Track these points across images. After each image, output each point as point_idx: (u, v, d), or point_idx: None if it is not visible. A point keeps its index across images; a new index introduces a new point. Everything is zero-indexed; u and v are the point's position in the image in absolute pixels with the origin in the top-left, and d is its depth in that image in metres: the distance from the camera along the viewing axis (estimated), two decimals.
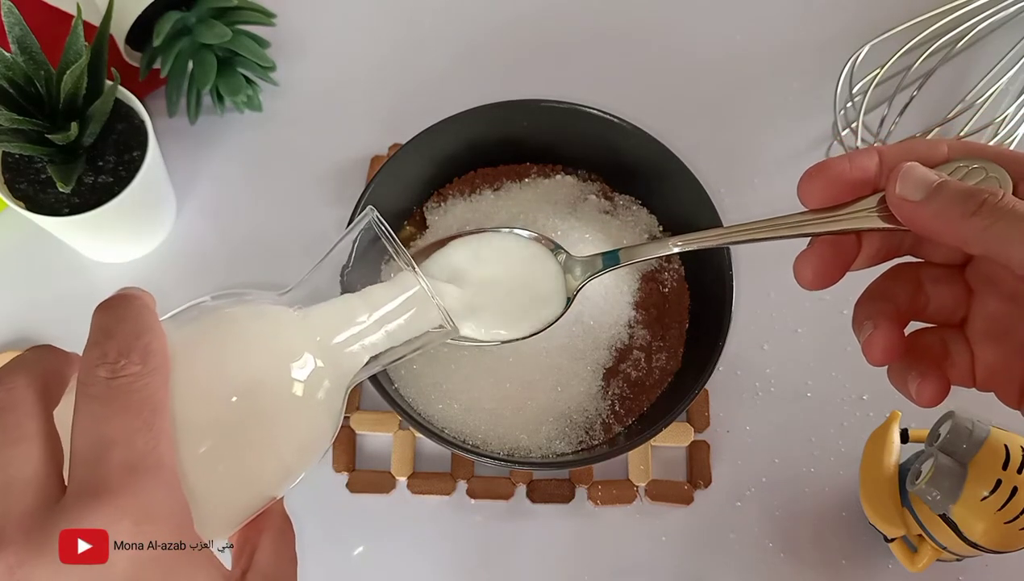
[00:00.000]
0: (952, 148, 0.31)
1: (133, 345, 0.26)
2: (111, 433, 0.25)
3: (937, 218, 0.29)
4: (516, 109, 0.55)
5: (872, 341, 0.33)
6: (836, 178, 0.32)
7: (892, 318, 0.33)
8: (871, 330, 0.33)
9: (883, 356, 0.33)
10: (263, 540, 0.30)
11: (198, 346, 0.29)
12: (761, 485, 0.54)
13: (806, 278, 0.34)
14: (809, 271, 0.34)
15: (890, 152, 0.32)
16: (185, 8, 0.57)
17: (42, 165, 0.53)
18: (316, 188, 0.62)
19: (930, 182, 0.30)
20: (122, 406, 0.25)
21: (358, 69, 0.66)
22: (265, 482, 0.29)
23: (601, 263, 0.42)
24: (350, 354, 0.31)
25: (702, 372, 0.49)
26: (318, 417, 0.30)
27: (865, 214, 0.32)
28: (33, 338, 0.57)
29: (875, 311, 0.34)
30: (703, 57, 0.67)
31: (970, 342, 0.33)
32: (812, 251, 0.34)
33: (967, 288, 0.34)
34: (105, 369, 0.25)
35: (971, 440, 0.43)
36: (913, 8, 0.61)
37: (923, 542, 0.48)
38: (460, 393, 0.52)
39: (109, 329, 0.27)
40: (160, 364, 0.26)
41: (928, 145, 0.32)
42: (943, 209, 0.29)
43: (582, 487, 0.54)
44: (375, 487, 0.54)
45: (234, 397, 0.28)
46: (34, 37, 0.49)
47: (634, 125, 0.54)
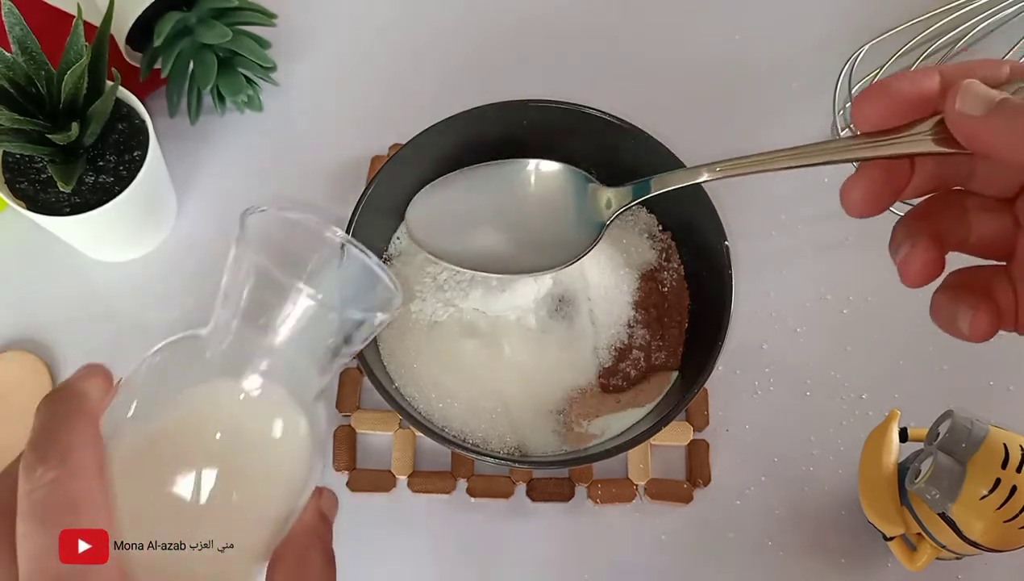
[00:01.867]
0: (1014, 69, 0.30)
1: (50, 451, 0.25)
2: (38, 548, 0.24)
3: (1000, 134, 0.28)
4: (516, 109, 0.55)
5: (909, 259, 0.31)
6: (894, 98, 0.30)
7: (932, 238, 0.31)
8: (909, 249, 0.31)
9: (921, 275, 0.31)
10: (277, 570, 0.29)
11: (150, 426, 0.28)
12: (760, 484, 0.55)
13: (854, 203, 0.31)
14: (858, 195, 0.31)
15: (951, 70, 0.30)
16: (186, 8, 0.58)
17: (43, 165, 0.53)
18: (316, 188, 0.62)
19: (992, 98, 0.28)
20: (40, 519, 0.25)
21: (358, 69, 0.66)
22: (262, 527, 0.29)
23: (632, 193, 0.40)
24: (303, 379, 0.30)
25: (701, 371, 0.49)
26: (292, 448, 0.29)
27: (921, 137, 0.30)
28: (33, 338, 0.57)
29: (914, 230, 0.32)
30: (703, 57, 0.67)
31: (1014, 280, 0.31)
32: (861, 174, 0.32)
33: (1015, 222, 0.32)
34: (27, 482, 0.25)
35: (970, 439, 0.43)
36: (913, 8, 0.61)
37: (922, 541, 0.48)
38: (460, 392, 0.52)
39: (32, 438, 0.26)
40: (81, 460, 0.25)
41: (989, 65, 0.30)
42: (1007, 125, 0.28)
43: (582, 486, 0.54)
44: (375, 486, 0.54)
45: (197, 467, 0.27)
46: (34, 37, 0.49)
47: (634, 125, 0.54)
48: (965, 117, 0.29)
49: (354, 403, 0.56)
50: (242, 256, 0.30)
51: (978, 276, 0.32)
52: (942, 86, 0.30)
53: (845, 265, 0.59)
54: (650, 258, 0.56)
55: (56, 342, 0.57)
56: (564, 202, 0.40)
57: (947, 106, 0.29)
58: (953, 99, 0.29)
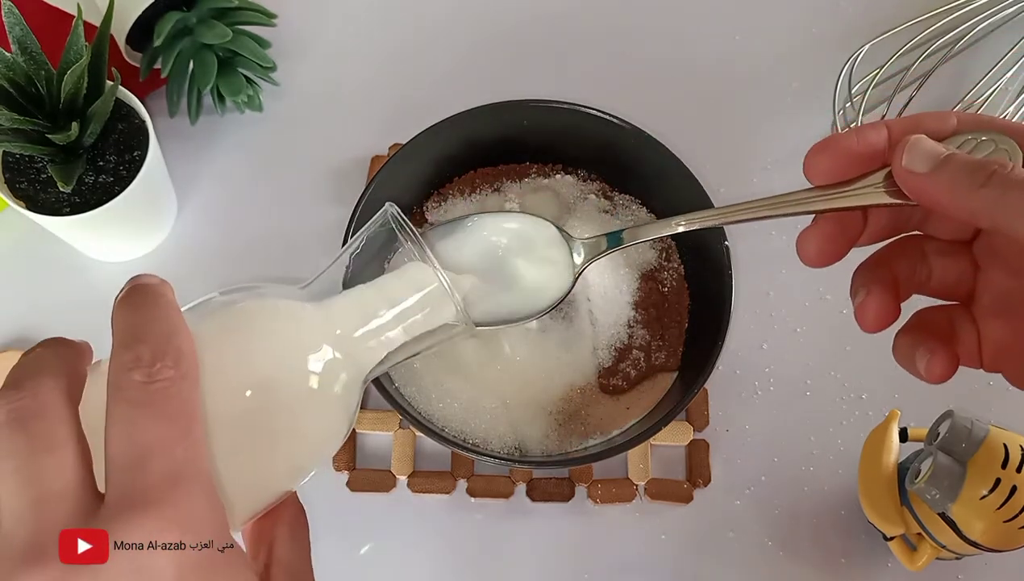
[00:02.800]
0: (961, 121, 0.31)
1: (166, 348, 0.25)
2: (149, 441, 0.24)
3: (945, 190, 0.28)
4: (516, 109, 0.55)
5: (864, 306, 0.32)
6: (843, 153, 0.31)
7: (887, 285, 0.33)
8: (864, 296, 0.33)
9: (874, 322, 0.32)
10: (279, 532, 0.29)
11: (218, 342, 0.28)
12: (760, 484, 0.55)
13: (809, 255, 0.33)
14: (812, 248, 0.33)
15: (898, 125, 0.31)
16: (186, 8, 0.58)
17: (43, 165, 0.53)
18: (316, 188, 0.62)
19: (937, 154, 0.29)
20: (159, 413, 0.25)
21: (358, 69, 0.66)
22: (281, 475, 0.29)
23: (605, 244, 0.41)
24: (367, 349, 0.31)
25: (701, 371, 0.49)
26: (335, 411, 0.30)
27: (872, 189, 0.31)
28: (33, 338, 0.57)
29: (870, 278, 0.33)
30: (703, 57, 0.67)
31: (976, 320, 0.33)
32: (816, 228, 0.33)
33: (973, 263, 0.33)
34: (140, 373, 0.25)
35: (970, 439, 0.43)
36: (913, 8, 0.61)
37: (922, 541, 0.48)
38: (460, 392, 0.52)
39: (138, 329, 0.26)
40: (193, 368, 0.26)
41: (937, 118, 0.31)
42: (951, 181, 0.28)
43: (582, 486, 0.54)
44: (375, 486, 0.54)
45: (251, 391, 0.28)
46: (34, 37, 0.49)
47: (634, 125, 0.54)
48: (911, 174, 0.29)
49: None
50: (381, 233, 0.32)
51: (941, 316, 0.33)
52: (890, 140, 0.31)
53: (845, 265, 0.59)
54: (650, 258, 0.56)
55: None
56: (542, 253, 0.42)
57: (893, 162, 0.30)
58: (900, 155, 0.30)
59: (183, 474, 0.24)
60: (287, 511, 0.30)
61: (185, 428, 0.25)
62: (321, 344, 0.30)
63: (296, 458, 0.30)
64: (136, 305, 0.27)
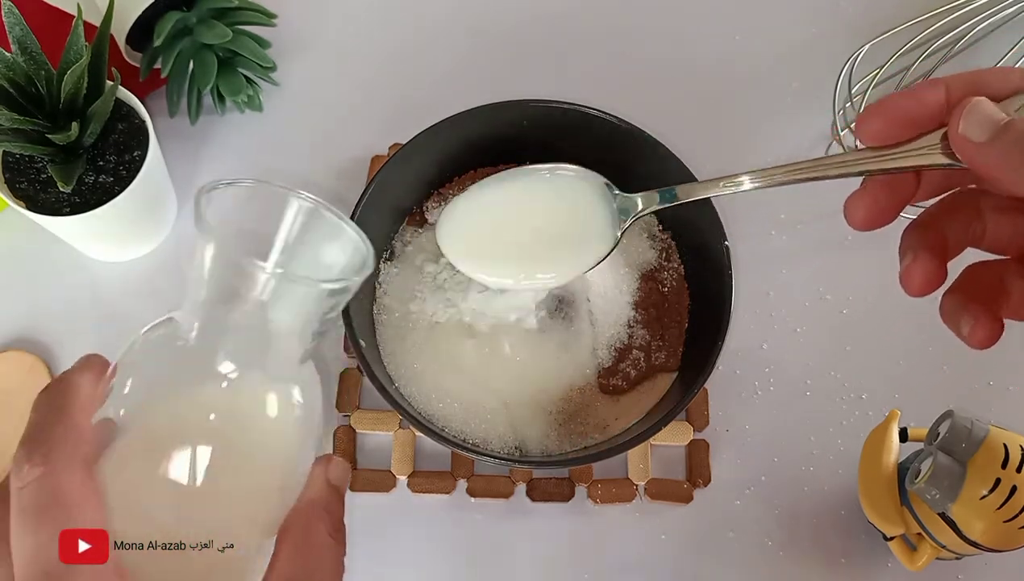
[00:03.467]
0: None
1: (37, 447, 0.25)
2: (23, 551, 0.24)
3: (1002, 162, 0.27)
4: (516, 109, 0.55)
5: (909, 272, 0.31)
6: (900, 115, 0.30)
7: (935, 249, 0.31)
8: (911, 260, 0.31)
9: (921, 287, 0.31)
10: (282, 547, 0.29)
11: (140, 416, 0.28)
12: (760, 484, 0.55)
13: (857, 219, 0.31)
14: (861, 211, 0.31)
15: (958, 83, 0.30)
16: (185, 8, 0.58)
17: (43, 165, 0.53)
18: (316, 188, 0.62)
19: (996, 121, 0.27)
20: (30, 516, 0.24)
21: (358, 69, 0.66)
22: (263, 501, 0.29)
23: (658, 198, 0.40)
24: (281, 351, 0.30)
25: (701, 371, 0.49)
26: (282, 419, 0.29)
27: (927, 151, 0.30)
28: (33, 338, 0.57)
29: (918, 241, 0.32)
30: (703, 57, 0.67)
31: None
32: (865, 191, 0.32)
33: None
34: (16, 480, 0.25)
35: (970, 439, 0.43)
36: (913, 8, 0.61)
37: (922, 541, 0.48)
38: (460, 392, 0.52)
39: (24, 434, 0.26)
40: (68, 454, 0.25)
41: (999, 75, 0.29)
42: (1008, 153, 0.27)
43: (582, 486, 0.54)
44: (375, 486, 0.54)
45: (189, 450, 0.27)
46: (34, 37, 0.49)
47: (633, 125, 0.54)
48: (967, 142, 0.28)
49: (354, 403, 0.56)
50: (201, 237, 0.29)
51: (992, 272, 0.32)
52: (948, 100, 0.29)
53: (845, 265, 0.59)
54: (650, 258, 0.56)
55: (56, 342, 0.57)
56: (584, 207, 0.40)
57: (951, 128, 0.29)
58: (957, 120, 0.28)
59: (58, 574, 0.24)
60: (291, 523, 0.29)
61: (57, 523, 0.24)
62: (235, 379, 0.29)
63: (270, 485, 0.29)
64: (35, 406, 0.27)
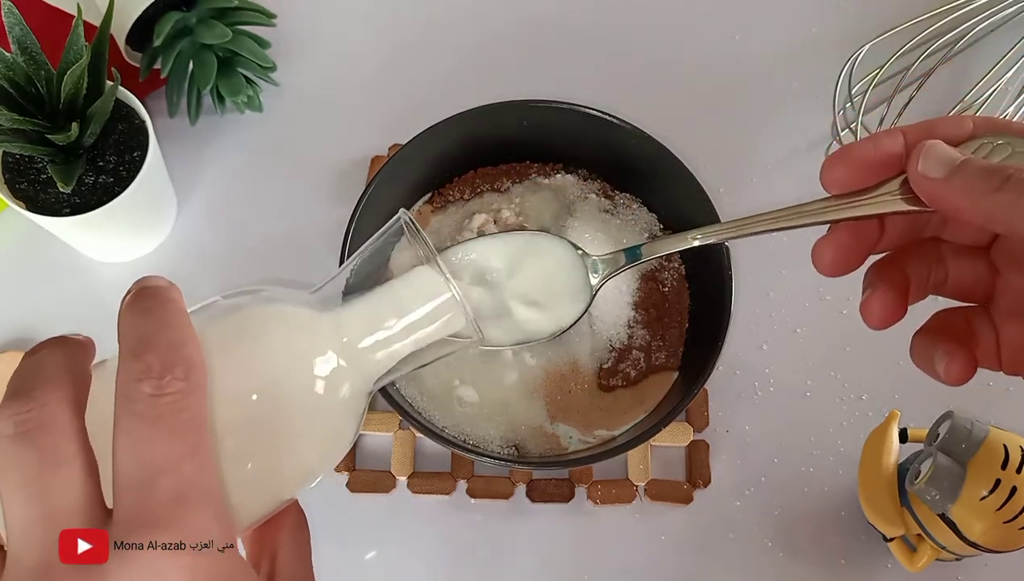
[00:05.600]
0: (977, 125, 0.31)
1: (176, 358, 0.25)
2: (158, 459, 0.24)
3: (960, 195, 0.28)
4: (516, 109, 0.55)
5: (869, 302, 0.32)
6: (860, 162, 0.31)
7: (895, 284, 0.33)
8: (871, 293, 0.33)
9: (879, 318, 0.32)
10: (282, 540, 0.29)
11: (225, 348, 0.28)
12: (760, 485, 0.54)
13: (825, 264, 0.33)
14: (828, 257, 0.33)
15: (913, 131, 0.31)
16: (185, 8, 0.58)
17: (43, 165, 0.53)
18: (316, 188, 0.62)
19: (953, 159, 0.29)
20: (168, 428, 0.24)
21: (358, 69, 0.66)
22: (286, 483, 0.29)
23: (624, 259, 0.41)
24: (375, 359, 0.31)
25: (701, 372, 0.49)
26: (341, 418, 0.30)
27: (888, 197, 0.31)
28: (33, 338, 0.57)
29: (879, 276, 0.33)
30: (702, 57, 0.67)
31: (995, 322, 0.32)
32: (831, 237, 0.33)
33: (991, 266, 0.33)
34: (149, 385, 0.24)
35: (970, 440, 0.43)
36: (913, 8, 0.61)
37: (922, 542, 0.48)
38: (460, 392, 0.52)
39: (147, 338, 0.25)
40: (202, 379, 0.25)
41: (952, 123, 0.31)
42: (966, 186, 0.28)
43: (582, 486, 0.54)
44: (375, 487, 0.54)
45: (258, 398, 0.27)
46: (34, 37, 0.49)
47: (633, 125, 0.54)
48: (927, 179, 0.29)
49: None
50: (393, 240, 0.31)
51: (960, 318, 0.33)
52: (906, 146, 0.31)
53: None
54: None
55: None
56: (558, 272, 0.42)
57: (909, 168, 0.30)
58: (915, 161, 0.29)
59: (191, 493, 0.24)
60: (288, 518, 0.30)
61: (194, 444, 0.24)
62: (329, 352, 0.29)
63: (302, 466, 0.29)
64: (145, 310, 0.26)
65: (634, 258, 0.41)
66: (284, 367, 0.28)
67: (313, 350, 0.29)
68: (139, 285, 0.27)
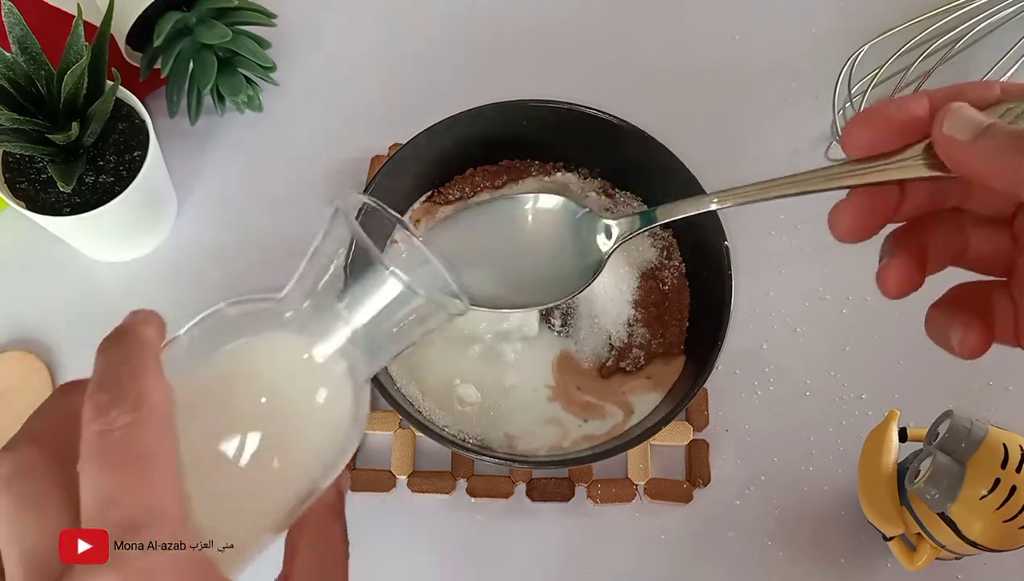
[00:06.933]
0: (1005, 90, 0.30)
1: (125, 392, 0.25)
2: (105, 493, 0.24)
3: (985, 159, 0.28)
4: (516, 109, 0.55)
5: (886, 270, 0.31)
6: (884, 123, 0.30)
7: (913, 253, 0.31)
8: (888, 260, 0.31)
9: (896, 287, 0.31)
10: (302, 542, 0.29)
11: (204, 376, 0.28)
12: (760, 484, 0.55)
13: (841, 230, 0.31)
14: (845, 223, 0.31)
15: (940, 94, 0.30)
16: (185, 8, 0.58)
17: (43, 165, 0.53)
18: (316, 188, 0.62)
19: (979, 122, 0.28)
20: (114, 462, 0.24)
21: (358, 69, 0.66)
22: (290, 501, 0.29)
23: (639, 222, 0.40)
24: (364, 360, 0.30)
25: (701, 371, 0.49)
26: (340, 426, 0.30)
27: (911, 161, 0.30)
28: (33, 338, 0.57)
29: (898, 245, 0.32)
30: (702, 57, 0.67)
31: (1015, 297, 0.31)
32: (849, 202, 0.32)
33: (1013, 239, 0.32)
34: (97, 423, 0.24)
35: (970, 439, 0.43)
36: (913, 8, 0.61)
37: (922, 541, 0.48)
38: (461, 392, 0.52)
39: (102, 377, 0.26)
40: (156, 408, 0.25)
41: (980, 87, 0.30)
42: (992, 150, 0.27)
43: (582, 486, 0.54)
44: (375, 486, 0.54)
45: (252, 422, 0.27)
46: (34, 37, 0.49)
47: (634, 125, 0.54)
48: (952, 141, 0.28)
49: None
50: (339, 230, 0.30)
51: (978, 291, 0.32)
52: (931, 110, 0.30)
53: (845, 265, 0.59)
54: (650, 256, 0.56)
55: (56, 342, 0.57)
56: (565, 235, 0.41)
57: (934, 130, 0.29)
58: (940, 122, 0.29)
59: (142, 523, 0.24)
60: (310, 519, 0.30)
61: (143, 474, 0.24)
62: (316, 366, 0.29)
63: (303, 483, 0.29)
64: (106, 350, 0.26)
65: (650, 221, 0.39)
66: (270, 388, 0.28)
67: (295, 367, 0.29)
68: (117, 326, 0.27)
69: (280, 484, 0.29)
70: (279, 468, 0.28)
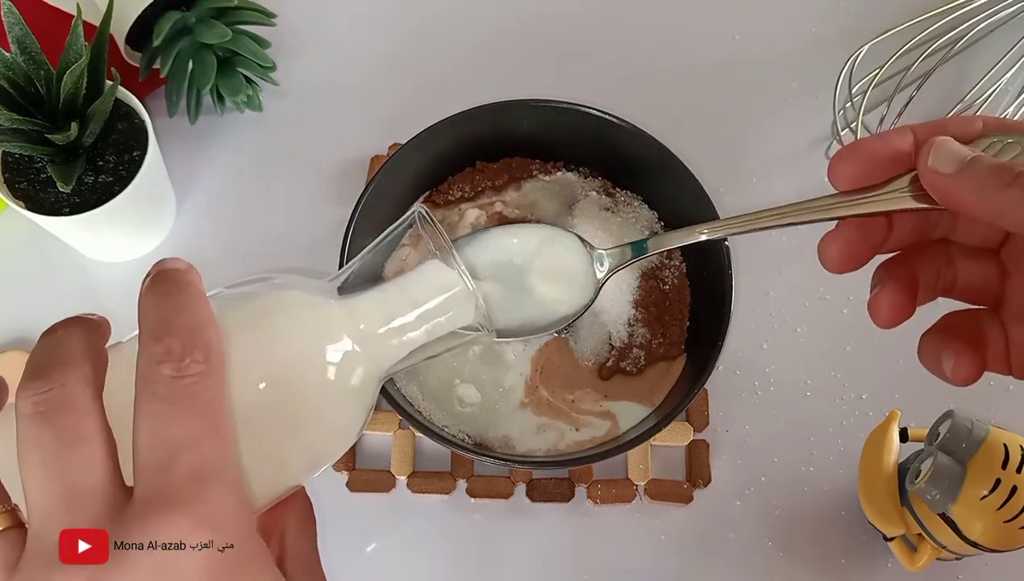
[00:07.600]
0: (987, 124, 0.31)
1: (195, 341, 0.25)
2: (178, 438, 0.24)
3: (970, 191, 0.28)
4: (516, 109, 0.55)
5: (877, 299, 0.32)
6: (869, 158, 0.31)
7: (903, 282, 0.32)
8: (879, 290, 0.32)
9: (887, 316, 0.32)
10: (290, 524, 0.30)
11: (242, 333, 0.28)
12: (760, 484, 0.54)
13: (831, 261, 0.32)
14: (834, 254, 0.32)
15: (923, 129, 0.31)
16: (185, 8, 0.57)
17: (42, 165, 0.53)
18: (316, 188, 0.62)
19: (963, 156, 0.29)
20: (188, 408, 0.24)
21: (358, 69, 0.66)
22: (297, 468, 0.29)
23: (630, 253, 0.41)
24: (388, 347, 0.31)
25: (702, 371, 0.49)
26: (353, 405, 0.30)
27: (897, 194, 0.31)
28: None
29: (888, 275, 0.33)
30: (702, 57, 0.67)
31: (1005, 325, 0.32)
32: (838, 233, 0.33)
33: (1001, 268, 0.33)
34: (170, 367, 0.24)
35: (970, 439, 0.43)
36: (913, 8, 0.61)
37: (922, 541, 0.48)
38: (461, 392, 0.52)
39: (167, 321, 0.25)
40: (220, 361, 0.26)
41: (962, 121, 0.31)
42: (976, 182, 0.28)
43: (581, 486, 0.54)
44: (375, 486, 0.54)
45: (272, 383, 0.28)
46: (34, 37, 0.49)
47: (633, 125, 0.54)
48: (937, 174, 0.29)
49: None
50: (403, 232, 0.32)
51: (969, 319, 0.33)
52: (915, 144, 0.31)
53: None
54: (651, 256, 0.56)
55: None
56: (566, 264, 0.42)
57: (919, 163, 0.30)
58: (925, 156, 0.29)
59: (211, 472, 0.24)
60: (297, 503, 0.30)
61: (213, 425, 0.25)
62: (344, 338, 0.30)
63: (313, 452, 0.29)
64: (163, 294, 0.26)
65: (640, 252, 0.41)
66: (299, 352, 0.29)
67: (328, 336, 0.30)
68: (158, 267, 0.27)
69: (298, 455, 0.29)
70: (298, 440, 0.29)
